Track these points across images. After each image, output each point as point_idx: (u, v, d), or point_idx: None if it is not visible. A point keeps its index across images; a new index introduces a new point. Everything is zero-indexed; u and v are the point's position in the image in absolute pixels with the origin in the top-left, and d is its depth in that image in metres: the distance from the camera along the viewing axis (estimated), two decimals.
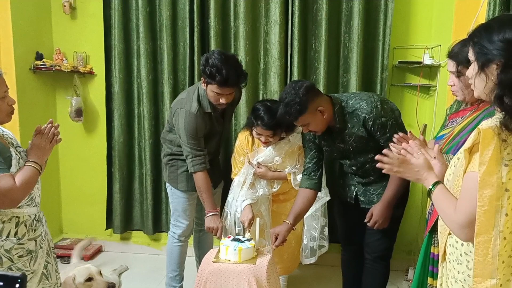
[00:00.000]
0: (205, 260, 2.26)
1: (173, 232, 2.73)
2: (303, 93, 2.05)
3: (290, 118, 2.09)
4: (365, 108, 2.11)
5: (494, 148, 1.09)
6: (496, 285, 1.11)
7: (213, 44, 3.12)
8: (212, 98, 2.36)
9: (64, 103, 3.37)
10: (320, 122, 2.13)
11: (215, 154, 2.74)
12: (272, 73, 3.12)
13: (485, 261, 1.12)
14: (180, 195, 2.64)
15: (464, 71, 1.63)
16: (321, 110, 2.09)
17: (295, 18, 3.02)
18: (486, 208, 1.10)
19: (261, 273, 2.14)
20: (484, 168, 1.10)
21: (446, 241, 1.36)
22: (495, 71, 1.14)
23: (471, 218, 1.14)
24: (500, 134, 1.10)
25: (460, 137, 1.65)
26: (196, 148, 2.44)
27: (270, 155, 2.60)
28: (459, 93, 1.72)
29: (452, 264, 1.31)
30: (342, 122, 2.17)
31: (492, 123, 1.12)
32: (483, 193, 1.10)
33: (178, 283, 2.78)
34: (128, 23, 3.28)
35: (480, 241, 1.12)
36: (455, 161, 1.28)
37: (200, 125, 2.43)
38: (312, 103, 2.07)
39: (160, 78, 3.30)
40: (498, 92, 1.13)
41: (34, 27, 3.24)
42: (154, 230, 3.50)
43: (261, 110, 2.46)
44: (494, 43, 1.13)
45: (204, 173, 2.47)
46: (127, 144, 3.44)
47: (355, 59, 3.03)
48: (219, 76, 2.22)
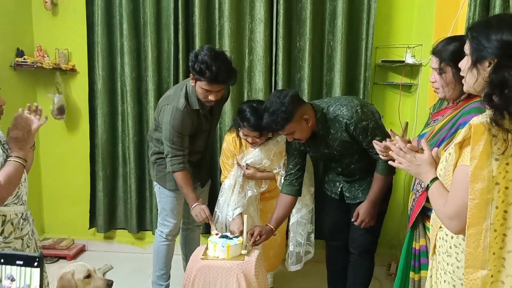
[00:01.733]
0: (193, 257, 2.26)
1: (161, 231, 2.72)
2: (288, 102, 2.07)
3: (277, 127, 2.11)
4: (346, 114, 2.15)
5: (485, 142, 1.13)
6: (487, 276, 1.15)
7: (198, 42, 3.11)
8: (201, 95, 2.35)
9: (46, 100, 3.31)
10: (305, 130, 2.17)
11: (203, 154, 2.73)
12: (257, 71, 3.14)
13: (476, 253, 1.16)
14: (168, 194, 2.63)
15: (446, 69, 1.68)
16: (306, 119, 2.13)
17: (280, 17, 3.04)
18: (478, 201, 1.14)
19: (249, 269, 2.16)
20: (476, 162, 1.13)
21: (436, 235, 1.40)
22: (487, 69, 1.18)
23: (460, 210, 1.18)
24: (490, 130, 1.13)
25: (439, 135, 1.69)
26: (177, 147, 2.42)
27: (259, 157, 2.61)
28: (440, 90, 1.76)
29: (442, 256, 1.35)
30: (325, 128, 2.21)
31: (482, 119, 1.16)
32: (475, 186, 1.14)
33: (164, 282, 2.77)
34: (112, 20, 3.25)
35: (471, 233, 1.16)
36: (446, 156, 1.32)
37: (186, 122, 2.41)
38: (297, 112, 2.10)
39: (144, 76, 3.28)
40: (488, 91, 1.17)
41: (15, 23, 3.18)
42: (138, 229, 3.47)
43: (247, 112, 2.46)
44: (491, 42, 1.16)
45: (182, 173, 2.44)
46: (111, 143, 3.41)
47: (339, 58, 3.07)
48: (208, 72, 2.21)
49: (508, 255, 1.14)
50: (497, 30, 1.16)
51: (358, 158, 2.30)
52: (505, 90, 1.13)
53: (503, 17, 1.26)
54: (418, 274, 1.77)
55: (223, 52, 2.37)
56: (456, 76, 1.64)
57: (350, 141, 2.20)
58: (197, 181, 2.69)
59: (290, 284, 3.11)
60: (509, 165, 1.13)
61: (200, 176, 2.71)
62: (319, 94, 3.18)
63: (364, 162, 2.30)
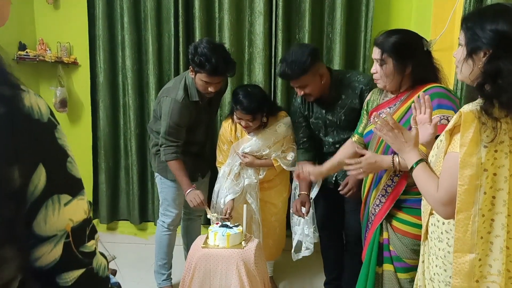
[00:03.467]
0: (194, 246, 2.31)
1: (162, 221, 2.76)
2: (308, 54, 2.17)
3: (292, 76, 2.19)
4: (363, 80, 2.25)
5: (474, 130, 1.16)
6: (475, 259, 1.19)
7: (198, 35, 3.14)
8: (200, 86, 2.39)
9: (48, 94, 3.35)
10: (318, 86, 2.24)
11: (202, 144, 2.77)
12: (257, 64, 3.16)
13: (465, 237, 1.19)
14: (169, 184, 2.68)
15: (387, 60, 1.75)
16: (321, 74, 2.22)
17: (279, 9, 3.06)
18: (466, 187, 1.17)
19: (249, 257, 2.20)
20: (465, 149, 1.16)
21: (428, 221, 1.43)
22: (482, 59, 1.20)
23: (451, 196, 1.21)
24: (480, 118, 1.16)
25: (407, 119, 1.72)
26: (172, 139, 2.46)
27: (257, 147, 2.64)
28: (380, 81, 1.81)
29: (434, 242, 1.39)
30: (337, 92, 2.29)
31: (473, 107, 1.19)
32: (464, 172, 1.17)
33: (166, 271, 2.83)
34: (113, 13, 3.28)
35: (460, 218, 1.19)
36: (438, 143, 1.35)
37: (184, 114, 2.45)
38: (315, 66, 2.20)
39: (145, 69, 3.31)
40: (480, 81, 1.19)
41: (17, 17, 3.21)
42: (140, 220, 3.52)
43: (240, 94, 2.50)
44: (486, 32, 1.18)
45: (176, 161, 2.49)
46: (113, 135, 3.45)
47: (338, 50, 3.09)
48: (208, 65, 2.25)
49: (495, 239, 1.18)
50: (492, 20, 1.18)
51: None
52: (499, 80, 1.15)
53: (497, 7, 1.28)
54: (381, 267, 1.82)
55: (222, 44, 2.40)
56: (396, 67, 1.74)
57: (358, 109, 2.23)
58: (198, 172, 2.74)
59: (290, 272, 3.15)
60: (497, 152, 1.16)
61: (200, 167, 2.75)
62: None
63: None
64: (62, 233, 0.68)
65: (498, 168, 1.16)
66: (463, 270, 1.19)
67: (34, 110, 0.67)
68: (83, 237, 0.72)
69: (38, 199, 0.66)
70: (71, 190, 0.70)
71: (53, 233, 0.68)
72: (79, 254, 0.71)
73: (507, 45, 1.16)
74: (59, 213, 0.68)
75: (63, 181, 0.70)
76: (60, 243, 0.68)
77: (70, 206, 0.70)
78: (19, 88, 0.68)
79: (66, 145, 0.71)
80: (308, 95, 2.27)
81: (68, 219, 0.69)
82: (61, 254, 0.68)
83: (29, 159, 0.65)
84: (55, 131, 0.70)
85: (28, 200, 0.65)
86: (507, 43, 1.16)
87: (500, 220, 1.17)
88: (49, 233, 0.67)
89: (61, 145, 0.70)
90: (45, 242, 0.67)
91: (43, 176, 0.66)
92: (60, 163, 0.70)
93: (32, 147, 0.66)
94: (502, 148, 1.16)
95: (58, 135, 0.70)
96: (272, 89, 3.21)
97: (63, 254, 0.69)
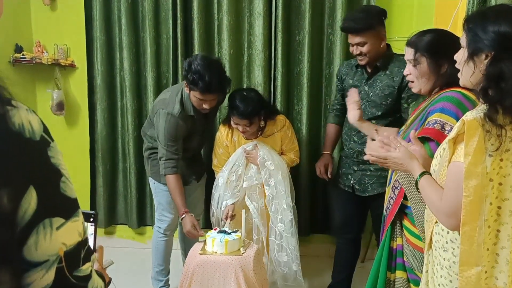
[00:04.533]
0: (191, 253, 2.27)
1: (158, 227, 2.72)
2: (377, 13, 2.29)
3: (357, 29, 2.23)
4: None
5: (478, 139, 1.11)
6: (481, 272, 1.15)
7: (197, 36, 3.10)
8: (195, 103, 2.37)
9: (45, 96, 3.31)
10: (375, 48, 2.27)
11: (197, 151, 2.75)
12: (256, 66, 3.12)
13: (471, 250, 1.15)
14: (163, 188, 2.63)
15: (421, 59, 1.67)
16: (381, 38, 2.28)
17: (279, 10, 3.02)
18: (472, 198, 1.13)
19: (247, 264, 2.16)
20: (469, 159, 1.12)
21: (432, 230, 1.39)
22: (484, 61, 1.16)
23: (456, 207, 1.17)
24: (484, 125, 1.12)
25: (411, 127, 1.68)
26: (172, 151, 2.44)
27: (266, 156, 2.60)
28: (415, 84, 1.74)
29: (438, 251, 1.34)
30: (385, 63, 2.33)
31: (476, 115, 1.15)
32: (469, 183, 1.12)
33: (164, 277, 2.79)
34: (110, 14, 3.24)
35: (466, 230, 1.15)
36: (440, 151, 1.31)
37: (181, 128, 2.43)
38: (380, 26, 2.28)
39: (143, 71, 3.26)
40: (484, 85, 1.15)
41: (13, 19, 3.17)
42: (138, 224, 3.48)
43: (237, 99, 2.47)
44: (488, 34, 1.15)
45: (175, 176, 2.46)
46: (110, 138, 3.41)
47: (338, 51, 3.05)
48: (201, 83, 2.22)
49: (501, 251, 1.14)
50: (494, 22, 1.15)
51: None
52: (502, 83, 1.12)
53: (499, 8, 1.24)
54: (393, 273, 1.77)
55: (217, 60, 2.38)
56: (431, 66, 1.66)
57: (393, 90, 2.29)
58: (192, 175, 2.71)
59: None
60: (503, 161, 1.12)
61: (195, 171, 2.72)
62: (318, 88, 3.17)
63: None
64: (54, 258, 0.65)
65: (504, 178, 1.12)
66: (470, 284, 1.15)
67: (26, 129, 0.63)
68: (77, 261, 0.69)
69: (28, 224, 0.62)
70: (64, 213, 0.67)
71: (45, 259, 0.64)
72: (72, 279, 0.68)
73: (509, 47, 1.12)
74: (51, 237, 0.65)
75: (55, 204, 0.66)
76: (53, 268, 0.65)
77: (63, 230, 0.66)
78: (9, 104, 0.64)
79: (60, 163, 0.68)
80: (363, 55, 2.29)
81: (61, 243, 0.66)
82: (53, 279, 0.65)
83: (18, 182, 0.62)
84: (48, 149, 0.66)
85: (18, 224, 0.62)
86: (510, 45, 1.12)
87: (506, 231, 1.13)
88: (40, 258, 0.64)
89: (54, 164, 0.66)
90: (36, 267, 0.64)
91: (34, 199, 0.63)
92: (52, 184, 0.66)
93: (22, 169, 0.62)
94: (508, 157, 1.12)
95: (51, 154, 0.66)
96: (272, 91, 3.17)
97: (55, 280, 0.66)
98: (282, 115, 2.72)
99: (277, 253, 2.59)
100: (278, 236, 2.58)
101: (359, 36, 2.24)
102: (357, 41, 2.26)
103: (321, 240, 3.38)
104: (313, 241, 3.38)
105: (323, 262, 3.00)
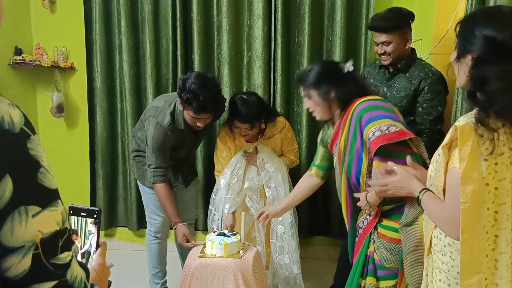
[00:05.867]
0: (191, 255, 2.26)
1: (149, 230, 2.71)
2: (405, 14, 2.32)
3: (385, 28, 2.27)
4: (434, 71, 2.32)
5: (472, 143, 1.11)
6: (482, 279, 1.13)
7: (196, 38, 3.10)
8: (189, 120, 2.35)
9: (45, 98, 3.31)
10: (400, 49, 2.30)
11: (184, 160, 2.70)
12: (256, 67, 3.11)
13: (471, 258, 1.13)
14: (148, 191, 2.61)
15: (311, 93, 1.87)
16: (407, 40, 2.31)
17: (278, 12, 3.02)
18: (470, 204, 1.12)
19: (247, 266, 2.16)
20: (465, 164, 1.11)
21: (431, 234, 1.38)
22: (469, 63, 1.17)
23: (457, 215, 1.15)
24: (476, 130, 1.11)
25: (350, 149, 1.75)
26: (161, 159, 2.42)
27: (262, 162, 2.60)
28: (315, 113, 1.91)
29: (437, 255, 1.33)
30: (406, 65, 2.35)
31: (468, 120, 1.14)
32: (466, 189, 1.11)
33: (160, 280, 2.77)
34: (110, 17, 3.24)
35: (465, 238, 1.13)
36: (436, 157, 1.30)
37: (169, 139, 2.41)
38: (406, 27, 2.32)
39: (143, 73, 3.26)
40: (470, 88, 1.16)
41: (13, 21, 3.17)
42: (138, 226, 3.47)
43: (238, 104, 2.46)
44: (474, 36, 1.15)
45: (164, 185, 2.44)
46: (110, 140, 3.40)
47: (338, 53, 3.05)
48: (195, 102, 2.19)
49: (500, 256, 1.13)
50: (480, 24, 1.15)
51: None
52: (485, 86, 1.11)
53: (490, 11, 1.26)
54: (364, 280, 1.79)
55: (212, 78, 2.36)
56: (321, 96, 1.85)
57: (409, 93, 2.31)
58: (177, 180, 2.68)
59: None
60: (498, 165, 1.11)
61: (182, 175, 2.69)
62: None
63: None
64: (30, 245, 0.69)
65: (500, 182, 1.11)
66: None
67: (5, 121, 0.68)
68: (55, 249, 0.72)
69: (3, 210, 0.67)
70: (41, 202, 0.71)
71: (20, 244, 0.68)
72: (50, 266, 0.71)
73: (494, 50, 1.12)
74: (27, 224, 0.68)
75: (32, 192, 0.70)
76: (29, 254, 0.68)
77: (39, 217, 0.70)
78: None
79: (39, 155, 0.71)
80: (387, 54, 2.32)
81: (37, 231, 0.69)
82: (30, 265, 0.69)
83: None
84: (28, 141, 0.70)
85: None
86: (494, 49, 1.12)
87: (504, 236, 1.12)
88: (16, 244, 0.68)
89: (33, 155, 0.70)
90: (13, 253, 0.68)
91: (9, 187, 0.67)
92: (29, 174, 0.70)
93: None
94: (503, 160, 1.11)
95: (30, 146, 0.70)
96: (272, 93, 3.17)
97: (32, 266, 0.69)
98: (282, 117, 2.71)
99: (279, 256, 2.58)
100: (279, 238, 2.57)
101: (385, 35, 2.28)
102: (383, 39, 2.30)
103: (321, 243, 3.37)
104: (313, 244, 3.37)
105: (323, 264, 2.99)
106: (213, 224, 2.66)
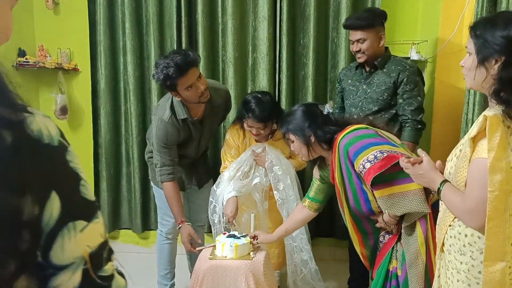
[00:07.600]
0: (201, 257, 2.25)
1: (161, 230, 2.71)
2: (378, 14, 2.45)
3: (360, 25, 2.38)
4: (410, 63, 2.48)
5: (501, 134, 1.14)
6: (506, 267, 1.15)
7: (201, 40, 3.09)
8: (192, 96, 2.27)
9: (49, 100, 3.29)
10: (374, 46, 2.40)
11: (196, 156, 2.67)
12: (261, 69, 3.12)
13: (496, 245, 1.16)
14: (162, 192, 2.58)
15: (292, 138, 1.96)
16: (380, 38, 2.41)
17: (283, 14, 3.02)
18: (497, 193, 1.14)
19: (258, 268, 2.15)
20: (493, 154, 1.14)
21: (446, 233, 1.38)
22: (494, 66, 1.20)
23: (480, 204, 1.18)
24: (504, 121, 1.15)
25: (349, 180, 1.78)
26: (166, 157, 2.40)
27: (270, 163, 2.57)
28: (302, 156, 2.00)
29: (454, 255, 1.34)
30: (383, 62, 2.46)
31: (496, 111, 1.17)
32: (494, 178, 1.14)
33: (169, 281, 2.76)
34: (114, 18, 3.23)
35: (491, 225, 1.16)
36: (457, 153, 1.32)
37: (172, 133, 2.38)
38: (380, 26, 2.42)
39: (147, 75, 3.26)
40: (496, 87, 1.18)
41: (16, 23, 3.11)
42: (143, 229, 3.46)
43: (253, 103, 2.45)
44: (497, 39, 1.18)
45: (171, 183, 2.43)
46: (114, 142, 3.39)
47: (343, 55, 3.05)
48: (172, 70, 2.14)
49: None
50: (503, 27, 1.18)
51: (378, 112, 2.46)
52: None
53: (506, 15, 1.28)
54: None
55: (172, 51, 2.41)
56: (301, 141, 1.92)
57: (389, 85, 2.40)
58: (191, 182, 2.67)
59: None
60: None
61: (196, 177, 2.68)
62: (323, 91, 3.17)
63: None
64: (79, 260, 0.67)
65: None
66: (494, 279, 1.16)
67: (44, 134, 0.64)
68: (101, 261, 0.71)
69: (53, 228, 0.64)
70: (86, 215, 0.69)
71: (71, 261, 0.66)
72: (97, 279, 0.69)
73: None
74: (76, 240, 0.66)
75: (77, 207, 0.68)
76: (79, 270, 0.67)
77: (86, 232, 0.68)
78: (25, 111, 0.64)
79: (78, 167, 0.69)
80: (362, 52, 2.41)
81: (85, 245, 0.68)
82: (79, 281, 0.67)
83: (41, 188, 0.63)
84: (67, 153, 0.67)
85: (44, 230, 0.63)
86: None
87: None
88: (66, 261, 0.66)
89: (73, 168, 0.68)
90: (63, 270, 0.66)
91: (57, 204, 0.64)
92: (73, 188, 0.68)
93: (44, 175, 0.63)
94: None
95: (69, 158, 0.67)
96: (277, 95, 3.17)
97: (82, 281, 0.67)
98: None
99: (297, 254, 2.57)
100: (293, 238, 2.57)
101: (360, 32, 2.37)
102: (358, 37, 2.39)
103: (326, 244, 3.37)
104: (318, 245, 3.37)
105: (328, 265, 2.98)
106: (214, 216, 2.63)
